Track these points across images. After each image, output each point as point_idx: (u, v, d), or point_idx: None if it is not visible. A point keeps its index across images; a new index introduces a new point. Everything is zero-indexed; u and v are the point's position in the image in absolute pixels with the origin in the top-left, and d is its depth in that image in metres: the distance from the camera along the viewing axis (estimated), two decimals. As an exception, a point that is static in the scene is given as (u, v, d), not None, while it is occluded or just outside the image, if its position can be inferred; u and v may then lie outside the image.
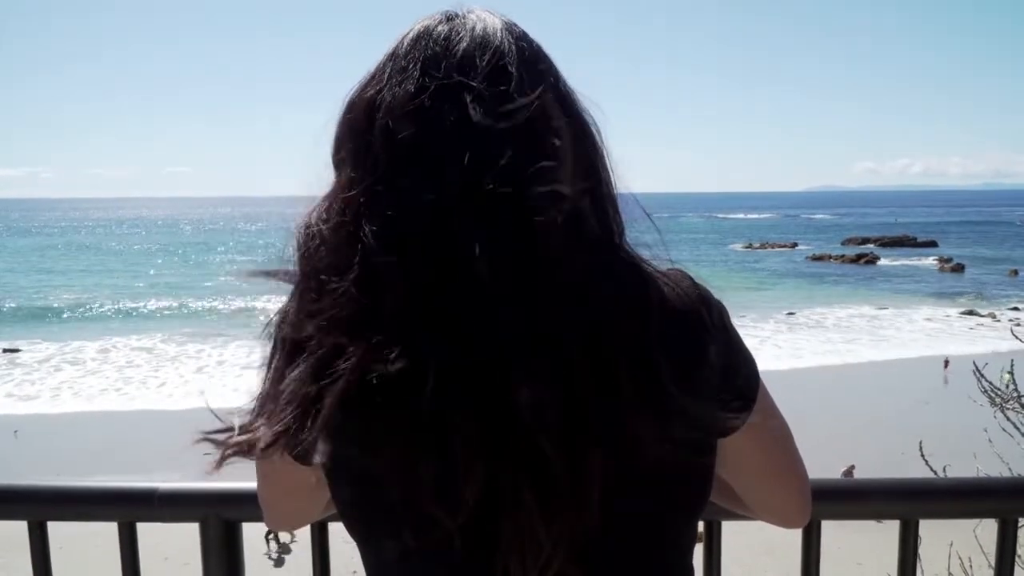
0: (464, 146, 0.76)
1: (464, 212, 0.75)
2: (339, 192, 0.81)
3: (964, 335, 32.46)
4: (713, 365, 0.83)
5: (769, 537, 9.50)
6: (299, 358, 0.78)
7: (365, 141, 0.80)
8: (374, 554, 0.88)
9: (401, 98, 0.79)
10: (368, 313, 0.75)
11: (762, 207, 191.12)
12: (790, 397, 8.20)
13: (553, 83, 0.84)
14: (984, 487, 1.47)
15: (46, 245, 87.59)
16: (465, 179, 0.75)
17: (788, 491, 0.99)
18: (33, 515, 1.41)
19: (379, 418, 0.75)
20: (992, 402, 3.35)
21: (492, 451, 0.73)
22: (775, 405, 0.93)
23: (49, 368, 28.53)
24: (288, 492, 0.97)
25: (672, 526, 0.87)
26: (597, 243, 0.80)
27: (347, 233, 0.78)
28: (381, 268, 0.75)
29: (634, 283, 0.81)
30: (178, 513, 1.38)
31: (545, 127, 0.79)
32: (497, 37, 0.83)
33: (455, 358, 0.73)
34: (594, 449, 0.75)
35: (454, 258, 0.74)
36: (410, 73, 0.80)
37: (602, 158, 0.85)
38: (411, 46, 0.83)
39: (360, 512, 0.86)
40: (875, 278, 54.10)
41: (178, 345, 31.76)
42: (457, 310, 0.73)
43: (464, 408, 0.73)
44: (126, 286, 51.71)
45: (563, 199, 0.76)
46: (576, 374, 0.74)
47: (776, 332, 33.61)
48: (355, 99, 0.84)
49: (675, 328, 0.80)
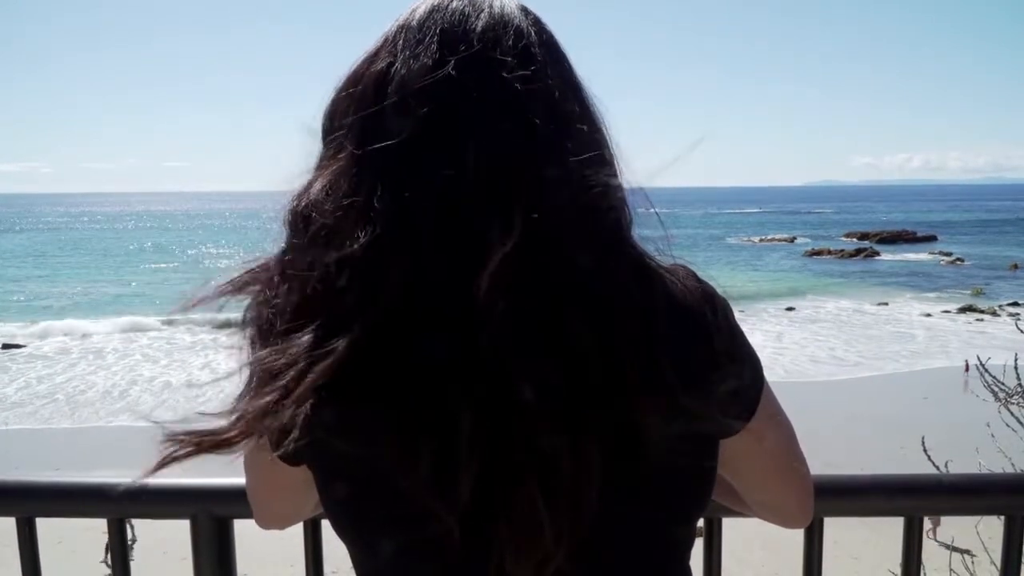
0: (488, 123, 0.73)
1: (480, 194, 0.72)
2: (345, 170, 0.76)
3: (964, 330, 32.48)
4: (717, 364, 0.80)
5: (769, 533, 9.51)
6: (289, 341, 0.73)
7: (376, 115, 0.76)
8: (368, 554, 0.85)
9: (418, 71, 0.75)
10: (369, 297, 0.71)
11: (760, 201, 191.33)
12: (789, 393, 8.20)
13: (569, 69, 0.82)
14: (989, 483, 1.45)
15: (43, 241, 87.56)
16: (487, 159, 0.72)
17: (790, 491, 0.97)
18: (21, 511, 1.39)
19: (375, 413, 0.72)
20: (996, 397, 3.34)
21: (493, 446, 0.71)
22: (778, 404, 0.91)
23: (44, 363, 28.53)
24: (278, 490, 0.95)
25: (672, 526, 0.85)
26: (607, 236, 0.77)
27: (357, 213, 0.73)
28: (387, 249, 0.71)
29: (640, 278, 0.78)
30: (168, 509, 1.36)
31: (569, 112, 0.77)
32: (516, 17, 0.80)
33: (460, 349, 0.70)
34: (595, 447, 0.72)
35: (467, 243, 0.71)
36: (427, 45, 0.77)
37: (612, 148, 0.82)
38: (425, 17, 0.79)
39: (354, 510, 0.83)
40: (874, 273, 54.12)
41: (176, 348, 31.77)
42: (464, 299, 0.70)
43: (466, 402, 0.70)
44: (119, 280, 51.72)
45: (579, 188, 0.74)
46: (580, 371, 0.71)
47: (774, 327, 33.63)
48: (361, 72, 0.80)
49: (680, 325, 0.78)
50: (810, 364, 26.88)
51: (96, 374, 26.66)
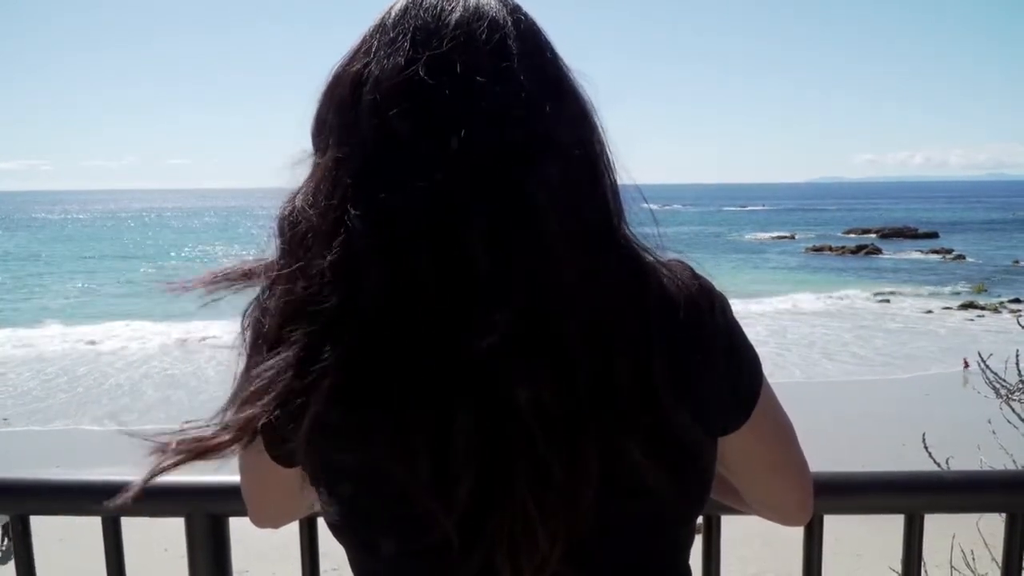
0: (461, 122, 0.71)
1: (460, 194, 0.70)
2: (325, 173, 0.75)
3: (965, 326, 32.44)
4: (714, 361, 0.79)
5: (769, 531, 9.49)
6: (278, 348, 0.73)
7: (351, 117, 0.75)
8: (365, 556, 0.84)
9: (390, 71, 0.74)
10: (354, 302, 0.71)
11: (762, 198, 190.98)
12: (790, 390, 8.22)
13: (551, 59, 0.80)
14: (991, 480, 1.44)
15: (42, 239, 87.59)
16: (462, 158, 0.71)
17: (789, 488, 0.96)
18: (15, 509, 1.39)
19: (373, 416, 0.72)
20: (997, 393, 3.32)
21: (490, 448, 0.70)
22: (777, 401, 0.90)
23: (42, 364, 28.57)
24: (272, 489, 0.94)
25: (671, 525, 0.84)
26: (596, 230, 0.76)
27: (334, 217, 0.73)
28: (368, 253, 0.71)
29: (633, 274, 0.77)
30: (163, 508, 1.36)
31: (547, 106, 0.75)
32: (492, 8, 0.78)
33: (449, 351, 0.69)
34: (591, 448, 0.71)
35: (449, 244, 0.70)
36: (399, 45, 0.75)
37: (600, 140, 0.80)
38: (399, 16, 0.78)
39: (351, 513, 0.82)
40: (876, 269, 54.09)
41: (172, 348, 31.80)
42: (453, 302, 0.69)
43: (462, 405, 0.70)
44: (120, 277, 51.71)
45: (564, 183, 0.72)
46: (574, 372, 0.70)
47: (775, 324, 33.61)
48: (340, 73, 0.79)
49: (675, 322, 0.76)
50: (811, 362, 26.85)
51: (93, 375, 26.69)
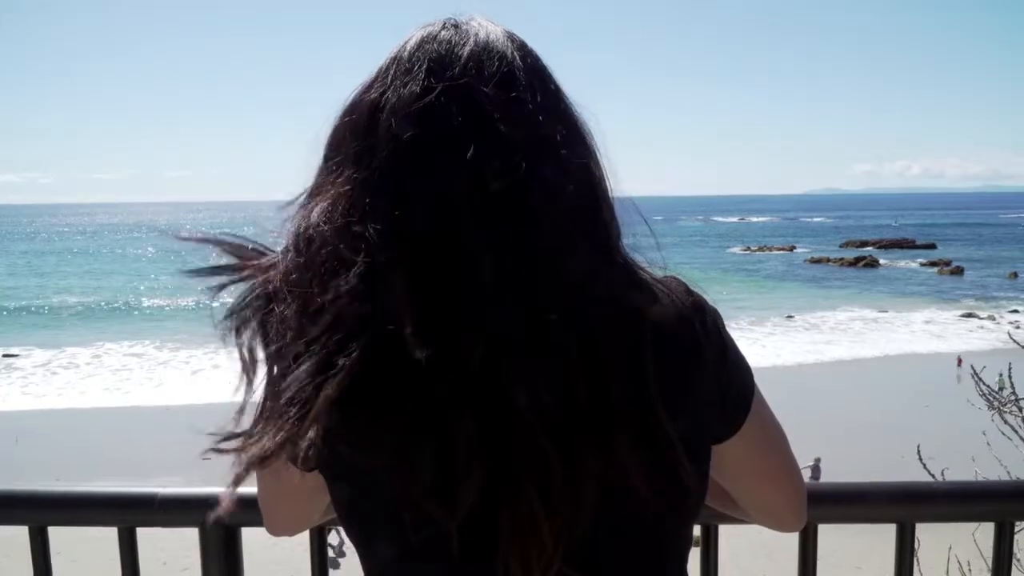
0: (471, 147, 0.76)
1: (469, 213, 0.75)
2: (343, 193, 0.80)
3: (964, 337, 32.41)
4: (707, 372, 0.84)
5: (766, 540, 9.45)
6: (299, 360, 0.77)
7: (369, 142, 0.81)
8: (372, 556, 0.89)
9: (406, 98, 0.80)
10: (369, 312, 0.75)
11: (761, 210, 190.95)
12: (788, 399, 8.14)
13: (554, 91, 0.86)
14: (981, 490, 1.46)
15: (43, 251, 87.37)
16: (471, 180, 0.76)
17: (782, 494, 0.99)
18: (33, 520, 1.41)
19: (378, 416, 0.76)
20: (990, 405, 3.35)
21: (492, 450, 0.74)
22: (769, 409, 0.94)
23: (46, 372, 28.51)
24: (288, 496, 0.98)
25: (668, 531, 0.88)
26: (595, 248, 0.81)
27: (352, 234, 0.78)
28: (384, 266, 0.75)
29: (629, 287, 0.82)
30: (178, 518, 1.38)
31: (550, 133, 0.80)
32: (501, 43, 0.84)
33: (455, 357, 0.73)
34: (590, 450, 0.75)
35: (457, 258, 0.75)
36: (415, 75, 0.81)
37: (599, 164, 0.86)
38: (415, 49, 0.84)
39: (358, 512, 0.87)
40: (874, 281, 54.07)
41: (171, 351, 31.77)
42: (458, 309, 0.74)
43: (464, 407, 0.74)
44: (122, 288, 51.58)
45: (565, 204, 0.78)
46: (571, 375, 0.74)
47: (775, 335, 33.58)
48: (357, 101, 0.85)
49: (669, 336, 0.81)
50: (809, 372, 26.81)
51: (95, 385, 26.62)
